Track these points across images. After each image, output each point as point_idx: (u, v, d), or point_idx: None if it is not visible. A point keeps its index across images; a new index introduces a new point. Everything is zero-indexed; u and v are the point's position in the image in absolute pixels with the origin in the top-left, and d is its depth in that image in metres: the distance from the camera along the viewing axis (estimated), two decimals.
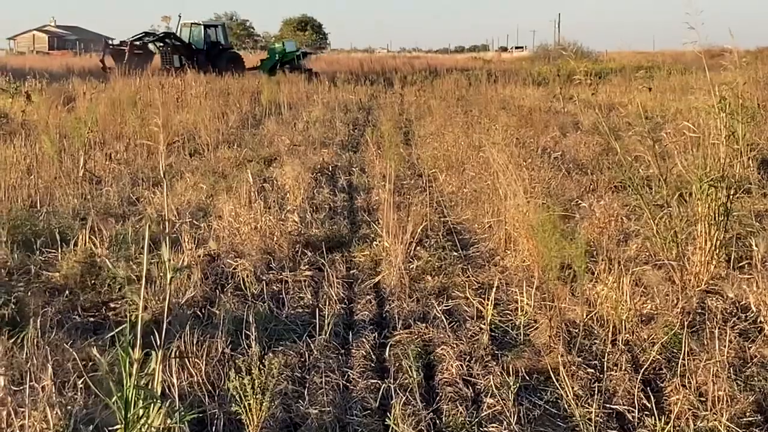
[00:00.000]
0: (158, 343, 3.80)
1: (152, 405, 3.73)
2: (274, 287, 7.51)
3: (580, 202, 10.05)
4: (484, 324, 6.42)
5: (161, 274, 5.39)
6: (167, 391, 4.89)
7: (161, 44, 43.82)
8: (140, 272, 3.35)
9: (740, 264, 7.48)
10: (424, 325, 6.52)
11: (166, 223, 8.91)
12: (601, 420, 5.06)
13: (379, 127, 18.64)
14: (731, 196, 7.62)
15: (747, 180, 10.82)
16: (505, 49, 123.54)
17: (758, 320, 6.43)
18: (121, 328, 3.74)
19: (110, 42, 45.01)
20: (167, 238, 3.88)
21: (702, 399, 5.17)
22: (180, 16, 44.41)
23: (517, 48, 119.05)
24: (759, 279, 6.78)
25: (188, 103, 22.27)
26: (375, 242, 8.79)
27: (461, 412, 5.12)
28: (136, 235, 8.63)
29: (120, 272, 6.46)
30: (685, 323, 6.24)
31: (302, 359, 5.89)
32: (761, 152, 12.72)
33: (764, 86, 23.56)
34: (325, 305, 6.88)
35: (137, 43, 42.68)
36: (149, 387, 3.80)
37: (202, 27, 45.58)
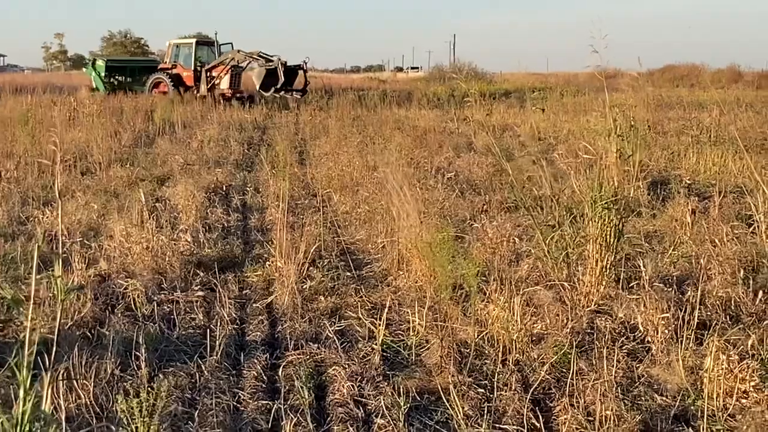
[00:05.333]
0: (48, 364, 3.74)
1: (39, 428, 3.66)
2: (166, 308, 7.43)
3: (473, 222, 10.14)
4: (376, 344, 6.44)
5: (50, 295, 5.28)
6: (55, 412, 4.80)
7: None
8: (29, 293, 3.29)
9: (629, 285, 7.61)
10: (316, 345, 6.51)
11: (58, 242, 8.74)
12: None
13: (273, 147, 18.57)
14: (623, 218, 7.76)
15: (637, 201, 11.04)
16: (400, 69, 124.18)
17: (646, 340, 6.55)
18: None
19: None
20: (59, 258, 3.80)
21: (590, 419, 5.25)
22: (216, 33, 41.31)
23: (412, 68, 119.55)
24: (647, 299, 6.90)
25: (80, 122, 21.96)
26: (268, 262, 8.74)
27: None
28: (25, 255, 8.48)
29: (6, 293, 6.32)
30: (575, 343, 6.32)
31: (193, 380, 5.83)
32: (651, 174, 13.00)
33: (655, 108, 24.11)
34: (216, 326, 6.82)
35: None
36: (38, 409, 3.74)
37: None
